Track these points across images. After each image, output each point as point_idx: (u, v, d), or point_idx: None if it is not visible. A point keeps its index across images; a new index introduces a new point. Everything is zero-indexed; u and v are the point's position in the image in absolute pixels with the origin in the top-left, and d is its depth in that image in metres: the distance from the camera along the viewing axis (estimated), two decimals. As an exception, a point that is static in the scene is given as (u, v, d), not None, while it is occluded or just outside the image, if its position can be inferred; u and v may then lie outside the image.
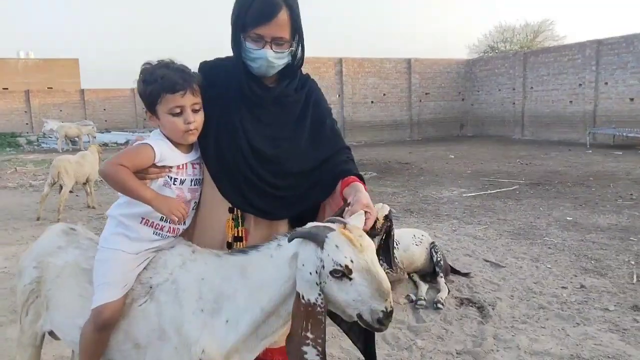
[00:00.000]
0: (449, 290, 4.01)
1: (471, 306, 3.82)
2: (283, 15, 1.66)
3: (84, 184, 7.99)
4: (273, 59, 1.69)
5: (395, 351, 3.16)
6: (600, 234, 5.66)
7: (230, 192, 1.79)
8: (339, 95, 22.02)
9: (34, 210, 7.54)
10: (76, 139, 19.81)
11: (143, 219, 1.67)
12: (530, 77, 20.45)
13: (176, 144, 1.71)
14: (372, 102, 22.78)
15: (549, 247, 5.22)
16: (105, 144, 21.01)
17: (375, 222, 2.06)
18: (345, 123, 22.11)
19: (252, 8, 1.65)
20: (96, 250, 1.72)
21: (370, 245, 1.40)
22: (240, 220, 1.82)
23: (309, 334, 1.36)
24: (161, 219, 1.69)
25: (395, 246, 4.17)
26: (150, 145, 1.65)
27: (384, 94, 22.98)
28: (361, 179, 1.80)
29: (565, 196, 7.94)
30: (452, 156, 14.24)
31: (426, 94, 23.43)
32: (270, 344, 1.63)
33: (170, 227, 1.71)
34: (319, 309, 1.36)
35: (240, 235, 1.83)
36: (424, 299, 3.84)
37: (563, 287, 4.09)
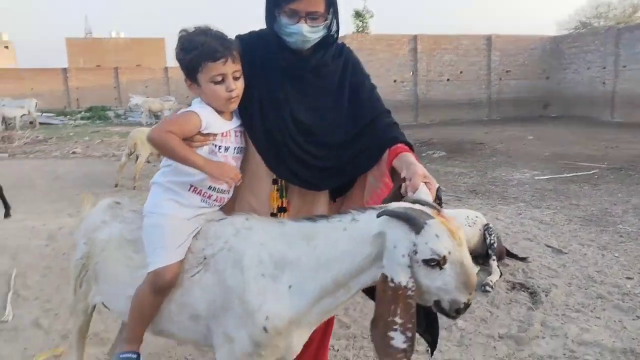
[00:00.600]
0: (501, 274, 3.85)
1: (523, 291, 3.66)
2: None
3: (159, 155, 8.46)
4: (308, 33, 1.69)
5: (434, 330, 3.10)
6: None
7: (276, 164, 1.81)
8: (412, 73, 21.49)
9: (114, 178, 8.11)
10: (159, 113, 20.90)
11: (191, 186, 1.69)
12: (624, 55, 18.76)
13: (219, 112, 1.72)
14: (447, 79, 22.01)
15: (621, 235, 4.85)
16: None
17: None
18: (418, 101, 21.62)
19: None
20: (140, 221, 1.75)
21: (464, 239, 1.38)
22: (284, 192, 1.86)
23: (397, 319, 1.30)
24: (209, 188, 1.70)
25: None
26: (196, 113, 1.65)
27: (461, 72, 22.11)
28: (410, 146, 1.77)
29: (649, 183, 7.31)
30: (531, 137, 13.51)
31: (507, 71, 22.26)
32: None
33: (217, 196, 1.74)
34: (409, 292, 1.30)
35: (284, 206, 1.86)
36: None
37: (628, 278, 3.80)
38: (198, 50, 1.62)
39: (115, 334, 2.35)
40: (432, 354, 1.79)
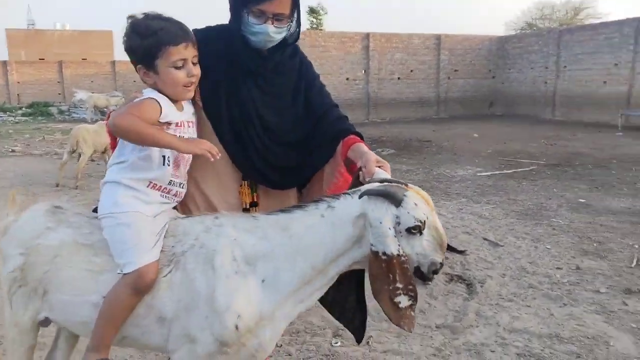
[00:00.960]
0: (440, 267, 3.99)
1: (460, 283, 3.81)
2: None
3: (103, 152, 8.21)
4: (273, 33, 1.72)
5: (375, 322, 3.19)
6: (611, 217, 5.52)
7: (244, 164, 1.82)
8: (364, 71, 21.75)
9: (55, 177, 7.81)
10: (105, 109, 20.24)
11: (150, 182, 1.62)
12: (565, 56, 19.70)
13: (172, 101, 1.65)
14: (398, 78, 22.41)
15: (554, 228, 5.12)
16: (134, 115, 21.49)
17: None
18: (370, 99, 21.91)
19: None
20: (90, 225, 1.65)
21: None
22: (255, 186, 1.88)
23: (398, 285, 1.40)
24: (169, 182, 1.65)
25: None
26: (156, 100, 1.58)
27: (411, 70, 22.57)
28: (360, 136, 1.83)
29: (582, 178, 7.73)
30: (476, 135, 13.97)
31: (455, 70, 22.90)
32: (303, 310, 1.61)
33: (177, 191, 1.69)
34: (403, 258, 1.40)
35: (255, 200, 1.88)
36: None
37: (558, 268, 4.03)
38: (157, 34, 1.56)
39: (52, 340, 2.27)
40: (359, 341, 1.84)
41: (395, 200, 1.40)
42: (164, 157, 1.61)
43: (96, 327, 1.56)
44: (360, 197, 1.44)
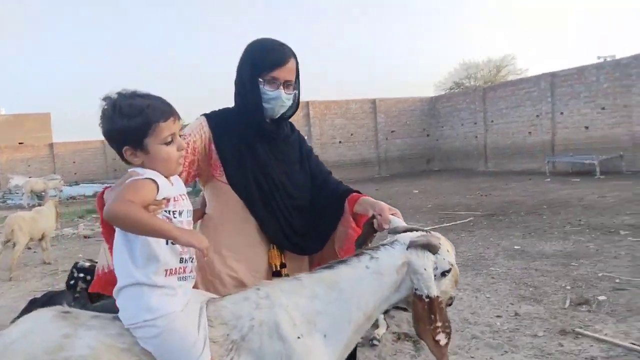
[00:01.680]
0: (387, 326, 4.06)
1: (407, 340, 3.87)
2: (292, 62, 1.91)
3: (40, 239, 7.90)
4: (285, 99, 1.91)
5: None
6: (545, 261, 5.82)
7: (274, 229, 1.93)
8: (307, 137, 22.27)
9: (-13, 270, 7.39)
10: (42, 193, 19.53)
11: (166, 270, 1.49)
12: (491, 111, 21.14)
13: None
14: (340, 142, 23.16)
15: (492, 277, 5.34)
16: (73, 197, 20.79)
17: None
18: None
19: (268, 56, 1.87)
20: (115, 326, 1.47)
21: None
22: (282, 248, 1.99)
23: (437, 324, 1.56)
24: (180, 261, 1.53)
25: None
26: (151, 178, 1.47)
27: (351, 134, 23.42)
28: (360, 193, 2.03)
29: (516, 225, 8.15)
30: (416, 191, 14.49)
31: (392, 131, 23.96)
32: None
33: (191, 267, 1.58)
34: (440, 299, 1.58)
35: (284, 261, 1.98)
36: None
37: (498, 316, 4.19)
38: (144, 112, 1.48)
39: None
40: None
41: (435, 249, 1.60)
42: None
43: None
44: (407, 248, 1.60)
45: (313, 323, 1.53)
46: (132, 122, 1.47)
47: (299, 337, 1.49)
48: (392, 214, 1.79)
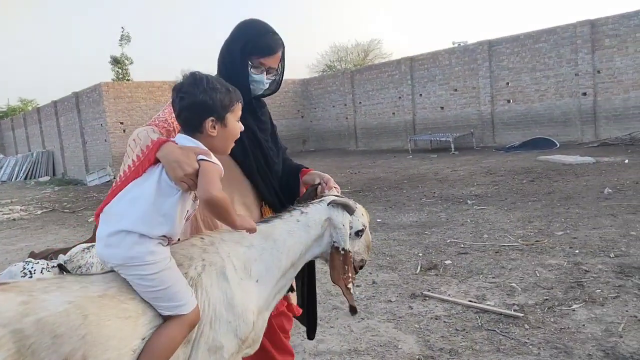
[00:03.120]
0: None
1: (272, 318, 3.93)
2: (279, 52, 2.12)
3: None
4: (265, 83, 2.12)
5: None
6: (402, 232, 6.27)
7: (267, 188, 2.17)
8: (177, 120, 21.47)
9: None
10: None
11: (168, 239, 1.63)
12: (358, 93, 22.09)
13: None
14: (213, 124, 22.63)
15: (355, 250, 5.61)
16: None
17: None
18: (187, 147, 21.60)
19: (262, 42, 2.06)
20: (88, 279, 1.56)
21: None
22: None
23: (349, 274, 1.82)
24: (178, 240, 1.73)
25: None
26: (217, 164, 1.63)
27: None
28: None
29: (379, 200, 8.66)
30: (290, 172, 14.70)
31: (267, 113, 23.97)
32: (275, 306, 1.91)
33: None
34: (350, 254, 1.85)
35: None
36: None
37: (357, 286, 4.42)
38: (230, 92, 1.70)
39: None
40: (311, 337, 2.45)
41: (351, 210, 1.86)
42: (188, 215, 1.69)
43: None
44: (328, 204, 1.85)
45: (249, 269, 1.73)
46: (223, 97, 1.67)
47: (240, 280, 1.69)
48: (334, 187, 2.12)
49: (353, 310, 1.91)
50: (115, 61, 30.23)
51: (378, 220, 7.05)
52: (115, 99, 20.04)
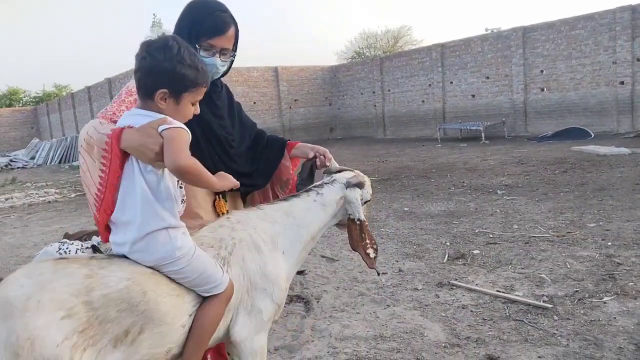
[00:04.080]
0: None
1: (299, 302, 3.98)
2: (232, 31, 1.97)
3: None
4: (219, 66, 1.99)
5: (215, 357, 3.19)
6: (429, 221, 6.23)
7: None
8: (207, 106, 21.72)
9: None
10: None
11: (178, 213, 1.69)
12: (387, 81, 21.89)
13: None
14: (242, 111, 22.80)
15: (382, 237, 5.62)
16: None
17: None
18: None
19: (209, 22, 1.92)
20: (127, 261, 1.58)
21: None
22: (225, 198, 2.14)
23: (367, 241, 2.03)
24: (181, 202, 1.71)
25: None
26: (184, 129, 1.57)
27: (254, 102, 23.14)
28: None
29: (407, 189, 8.61)
30: (318, 159, 14.71)
31: (295, 100, 24.00)
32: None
33: (182, 208, 1.74)
34: (366, 222, 2.05)
35: (227, 210, 2.12)
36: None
37: (384, 273, 4.43)
38: (199, 70, 1.60)
39: None
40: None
41: (362, 185, 2.07)
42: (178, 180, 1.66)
43: (195, 345, 1.65)
44: (346, 186, 2.03)
45: (275, 242, 1.88)
46: (188, 72, 1.57)
47: (269, 251, 1.84)
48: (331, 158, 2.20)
49: (376, 272, 2.30)
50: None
51: (405, 209, 7.03)
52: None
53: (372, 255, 2.04)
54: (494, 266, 4.41)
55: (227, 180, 1.74)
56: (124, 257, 1.59)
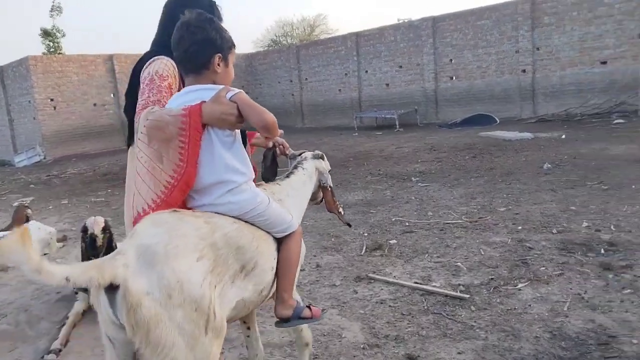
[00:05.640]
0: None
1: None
2: None
3: None
4: None
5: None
6: (348, 211, 6.09)
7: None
8: (113, 95, 20.37)
9: None
10: None
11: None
12: (305, 69, 21.66)
13: None
14: (152, 100, 21.64)
15: (299, 231, 5.40)
16: None
17: (95, 239, 3.45)
18: (124, 124, 20.54)
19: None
20: (206, 217, 1.73)
21: None
22: None
23: (337, 203, 2.58)
24: None
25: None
26: (241, 91, 1.78)
27: (165, 92, 22.05)
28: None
29: (325, 178, 8.46)
30: (234, 150, 14.25)
31: (209, 89, 23.15)
32: None
33: None
34: (332, 188, 2.56)
35: None
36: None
37: (301, 270, 4.20)
38: (229, 35, 1.86)
39: None
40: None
41: (324, 157, 2.57)
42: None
43: (286, 279, 1.96)
44: (313, 158, 2.50)
45: (284, 201, 2.16)
46: (227, 36, 1.83)
47: (279, 201, 2.09)
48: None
49: (348, 225, 2.84)
50: (46, 33, 28.17)
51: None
52: (44, 74, 18.70)
53: (342, 212, 2.61)
54: (411, 256, 4.34)
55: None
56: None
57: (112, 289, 1.42)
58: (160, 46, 2.09)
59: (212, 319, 1.53)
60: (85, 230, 3.47)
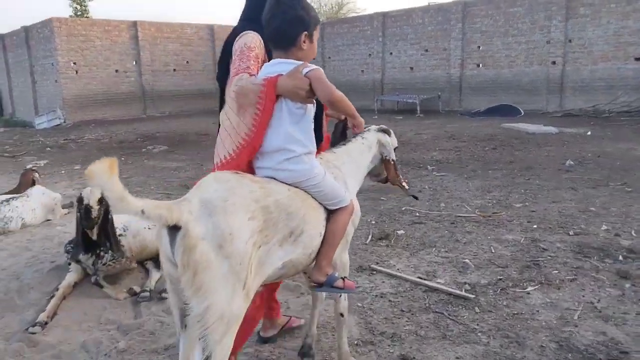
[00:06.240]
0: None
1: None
2: None
3: None
4: None
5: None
6: (358, 197, 5.86)
7: None
8: (135, 62, 20.34)
9: None
10: None
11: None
12: (328, 47, 21.30)
13: None
14: (174, 69, 21.56)
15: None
16: None
17: (90, 210, 3.36)
18: (145, 92, 20.60)
19: None
20: (261, 182, 1.86)
21: None
22: None
23: (401, 176, 2.60)
24: None
25: (124, 232, 3.71)
26: (318, 68, 1.88)
27: (187, 62, 21.94)
28: None
29: (338, 161, 8.28)
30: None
31: (231, 62, 22.96)
32: None
33: None
34: (396, 162, 2.56)
35: None
36: (149, 290, 3.45)
37: (415, 197, 4.06)
38: (315, 13, 1.98)
39: None
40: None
41: (389, 132, 2.54)
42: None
43: (328, 248, 2.03)
44: (377, 131, 2.50)
45: (340, 168, 2.22)
46: (314, 14, 1.95)
47: (338, 170, 2.20)
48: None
49: (415, 197, 3.19)
50: (75, -4, 28.17)
51: (334, 182, 6.69)
52: (68, 37, 18.70)
53: (406, 185, 2.63)
54: (418, 248, 4.17)
55: (360, 117, 2.26)
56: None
57: (174, 229, 1.55)
58: (248, 20, 2.26)
59: (250, 276, 1.65)
60: (80, 200, 3.36)
